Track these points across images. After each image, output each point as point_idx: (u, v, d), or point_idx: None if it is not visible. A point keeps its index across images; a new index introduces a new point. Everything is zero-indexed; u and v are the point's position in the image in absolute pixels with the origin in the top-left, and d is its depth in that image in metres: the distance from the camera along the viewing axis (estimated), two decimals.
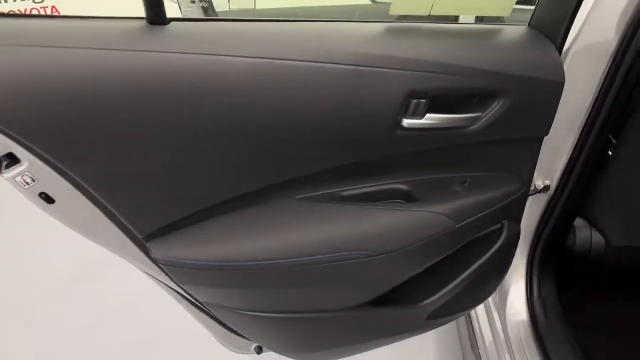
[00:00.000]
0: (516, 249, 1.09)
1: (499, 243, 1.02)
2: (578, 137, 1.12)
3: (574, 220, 1.36)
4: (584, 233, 1.41)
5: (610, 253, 1.40)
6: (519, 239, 1.09)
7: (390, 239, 0.81)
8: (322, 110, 0.73)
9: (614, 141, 1.17)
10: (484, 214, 0.90)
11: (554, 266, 1.39)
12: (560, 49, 0.87)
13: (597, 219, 1.35)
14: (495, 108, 0.84)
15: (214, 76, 0.65)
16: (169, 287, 0.84)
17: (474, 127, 0.86)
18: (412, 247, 0.84)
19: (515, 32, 0.90)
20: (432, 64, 0.76)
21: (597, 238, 1.40)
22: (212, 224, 0.75)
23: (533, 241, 1.34)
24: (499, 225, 1.02)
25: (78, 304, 2.04)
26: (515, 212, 1.01)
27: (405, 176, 0.91)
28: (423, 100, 0.78)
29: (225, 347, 1.07)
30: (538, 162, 1.13)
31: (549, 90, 0.87)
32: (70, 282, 2.13)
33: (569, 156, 1.15)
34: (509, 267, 1.12)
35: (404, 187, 0.90)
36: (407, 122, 0.80)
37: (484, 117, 0.85)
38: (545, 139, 0.97)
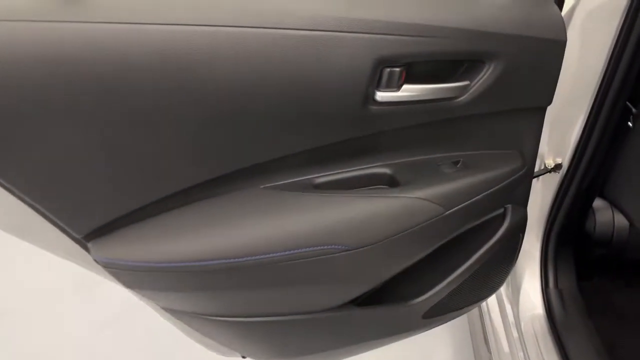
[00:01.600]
0: (523, 235, 0.97)
1: (502, 230, 0.91)
2: (591, 106, 0.98)
3: (592, 201, 1.23)
4: (604, 215, 1.27)
5: (635, 237, 1.26)
6: (526, 223, 0.97)
7: (367, 230, 0.71)
8: (277, 86, 0.63)
9: (634, 110, 1.03)
10: (480, 196, 0.79)
11: (572, 253, 1.26)
12: (559, 2, 0.74)
13: (619, 199, 1.21)
14: (486, 75, 0.73)
15: (144, 49, 0.56)
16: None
17: (462, 98, 0.74)
18: (394, 239, 0.73)
19: None
20: (405, 25, 0.65)
21: (620, 220, 1.27)
22: (160, 220, 0.67)
23: (546, 226, 1.21)
24: (502, 210, 0.91)
25: (76, 310, 2.00)
26: (519, 193, 0.89)
27: (387, 158, 0.80)
28: (397, 69, 0.68)
29: (209, 349, 0.99)
30: (548, 138, 1.00)
31: (548, 51, 0.74)
32: (68, 291, 2.10)
33: (582, 129, 1.02)
34: (516, 256, 1.00)
35: (385, 170, 0.80)
36: (380, 95, 0.69)
37: (473, 85, 0.74)
38: (554, 110, 0.84)
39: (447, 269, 0.90)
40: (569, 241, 1.24)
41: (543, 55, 0.74)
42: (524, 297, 1.24)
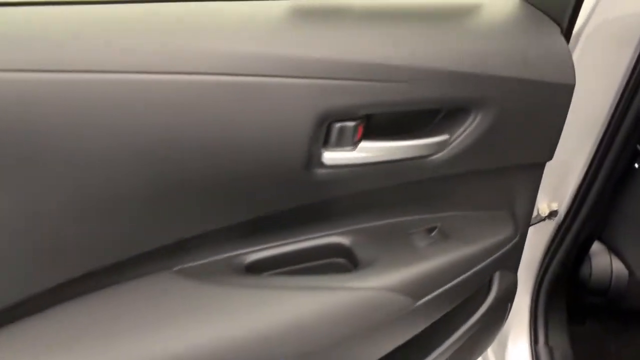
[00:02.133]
0: (512, 304, 0.81)
1: (488, 301, 0.74)
2: (596, 147, 0.82)
3: (589, 247, 1.07)
4: (601, 262, 1.12)
5: (634, 285, 1.12)
6: (516, 290, 0.80)
7: (312, 335, 0.53)
8: (191, 146, 0.46)
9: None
10: (460, 279, 0.62)
11: (565, 306, 1.10)
12: (567, 34, 0.57)
13: (619, 245, 1.06)
14: (471, 127, 0.56)
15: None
16: None
17: (439, 155, 0.57)
18: (350, 340, 0.56)
19: (499, 8, 0.61)
20: (360, 65, 0.48)
21: (618, 267, 1.11)
22: (26, 326, 0.48)
23: (537, 277, 1.05)
24: (487, 278, 0.74)
25: None
26: (509, 261, 0.73)
27: (342, 224, 0.63)
28: (351, 123, 0.50)
29: None
30: (542, 181, 0.84)
31: (552, 97, 0.58)
32: None
33: (584, 173, 0.86)
34: (504, 324, 0.84)
35: (341, 240, 0.63)
36: (329, 157, 0.52)
37: (454, 140, 0.57)
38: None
39: (425, 349, 0.73)
40: (561, 292, 1.09)
41: (545, 102, 0.57)
42: (510, 355, 1.08)
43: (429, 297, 0.59)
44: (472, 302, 0.73)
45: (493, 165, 0.61)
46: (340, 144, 0.51)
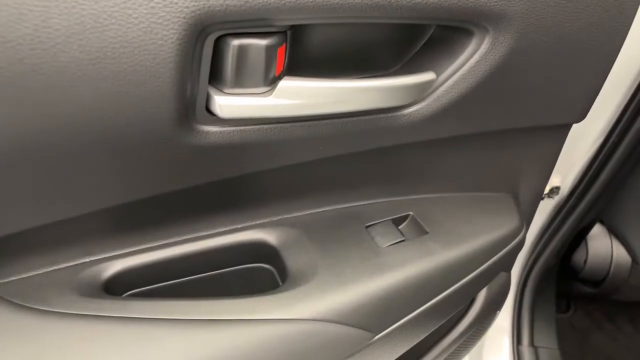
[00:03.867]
0: (501, 308, 0.62)
1: (473, 313, 0.55)
2: (619, 114, 0.62)
3: (589, 231, 0.90)
4: (600, 246, 0.95)
5: (637, 275, 0.96)
6: (508, 292, 0.62)
7: None
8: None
9: None
10: (442, 296, 0.41)
11: (553, 298, 0.94)
12: None
13: (623, 228, 0.88)
14: (471, 61, 0.34)
15: None
16: None
17: (418, 107, 0.35)
18: None
19: None
20: None
21: (619, 253, 0.95)
22: None
23: (524, 268, 0.87)
24: None
25: None
26: (508, 260, 0.53)
27: (263, 213, 0.41)
28: (261, 41, 0.27)
29: None
30: None
31: (607, 26, 0.36)
32: None
33: (599, 143, 0.66)
34: (486, 332, 0.66)
35: (261, 236, 0.41)
36: (223, 103, 0.29)
37: (443, 82, 0.35)
38: None
39: None
40: (551, 284, 0.92)
41: (595, 29, 0.35)
42: (489, 356, 0.91)
43: (395, 326, 0.39)
44: (455, 314, 0.54)
45: (499, 125, 0.39)
46: (242, 81, 0.29)
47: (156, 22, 0.24)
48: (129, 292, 0.39)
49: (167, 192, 0.33)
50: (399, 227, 0.43)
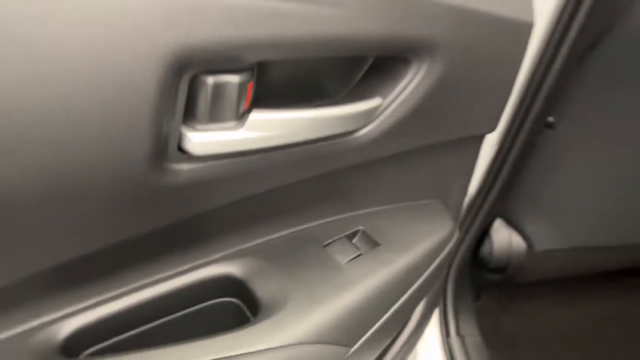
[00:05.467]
0: (439, 302, 0.68)
1: (415, 318, 0.59)
2: (509, 122, 0.72)
3: (491, 226, 1.01)
4: (501, 238, 1.07)
5: (532, 258, 1.10)
6: (445, 291, 0.67)
7: None
8: None
9: (550, 119, 0.80)
10: (403, 301, 0.44)
11: (470, 289, 1.04)
12: None
13: (519, 220, 1.01)
14: (412, 84, 0.38)
15: None
16: None
17: (368, 130, 0.38)
18: None
19: None
20: None
21: (517, 242, 1.08)
22: None
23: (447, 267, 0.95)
24: None
25: None
26: (448, 260, 0.58)
27: (227, 244, 0.41)
28: (234, 78, 0.28)
29: None
30: None
31: (510, 43, 0.42)
32: None
33: (497, 148, 0.76)
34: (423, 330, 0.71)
35: (228, 269, 0.41)
36: (196, 141, 0.29)
37: (388, 106, 0.38)
38: None
39: None
40: (467, 277, 1.01)
41: (501, 48, 0.41)
42: (423, 352, 0.97)
43: (367, 335, 0.41)
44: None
45: (435, 139, 0.44)
46: (215, 116, 0.29)
47: (137, 63, 0.24)
48: (88, 351, 0.36)
49: (131, 237, 0.32)
50: (353, 242, 0.46)
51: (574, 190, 0.95)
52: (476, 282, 1.13)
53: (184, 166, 0.30)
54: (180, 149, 0.29)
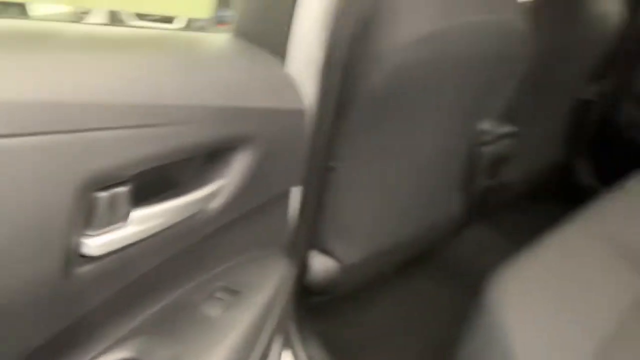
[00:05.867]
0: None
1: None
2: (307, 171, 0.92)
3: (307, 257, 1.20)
4: (315, 263, 1.27)
5: (343, 271, 1.32)
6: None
7: None
8: None
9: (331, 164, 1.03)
10: (268, 335, 0.55)
11: (305, 315, 1.19)
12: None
13: (326, 243, 1.23)
14: (241, 166, 0.51)
15: None
16: None
17: (215, 204, 0.50)
18: None
19: (222, 44, 0.58)
20: (132, 107, 0.35)
21: (328, 263, 1.29)
22: None
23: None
24: None
25: None
26: (289, 296, 0.71)
27: (116, 329, 0.46)
28: (123, 189, 0.36)
29: None
30: None
31: (292, 124, 0.59)
32: None
33: (302, 198, 0.94)
34: None
35: (123, 355, 0.45)
36: (96, 244, 0.36)
37: (227, 184, 0.50)
38: None
39: None
40: (301, 306, 1.17)
41: (287, 129, 0.58)
42: None
43: None
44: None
45: (263, 200, 0.58)
46: (109, 221, 0.36)
47: (51, 187, 0.30)
48: None
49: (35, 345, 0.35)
50: (218, 296, 0.55)
51: (365, 211, 1.21)
52: (307, 307, 1.29)
53: (86, 268, 0.35)
54: (81, 256, 0.35)
